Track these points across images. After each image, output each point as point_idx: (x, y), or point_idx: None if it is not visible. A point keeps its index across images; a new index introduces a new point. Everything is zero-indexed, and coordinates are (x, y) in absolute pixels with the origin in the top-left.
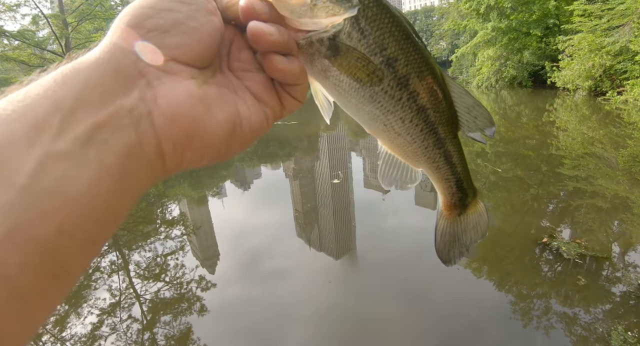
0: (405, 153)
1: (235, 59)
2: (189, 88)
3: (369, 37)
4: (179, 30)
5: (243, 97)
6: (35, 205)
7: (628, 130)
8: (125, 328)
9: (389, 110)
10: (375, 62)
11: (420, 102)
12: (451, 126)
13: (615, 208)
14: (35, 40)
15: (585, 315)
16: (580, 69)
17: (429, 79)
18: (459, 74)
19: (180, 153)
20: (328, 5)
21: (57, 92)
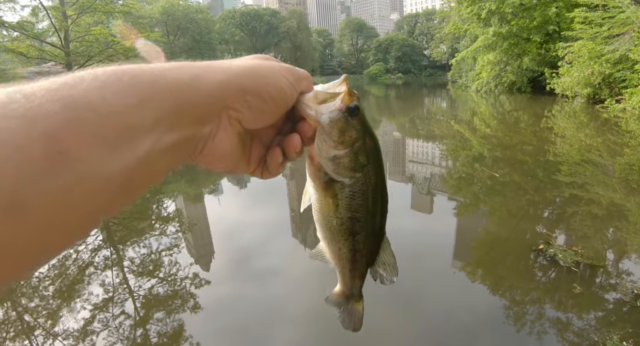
0: (332, 259)
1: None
2: (233, 141)
3: (352, 199)
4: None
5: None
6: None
7: (625, 139)
8: (117, 324)
9: (335, 239)
10: (344, 215)
11: (357, 247)
12: (368, 265)
13: (611, 216)
14: (35, 31)
15: (580, 323)
16: (579, 76)
17: (372, 238)
18: (458, 77)
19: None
20: (339, 166)
21: (183, 93)
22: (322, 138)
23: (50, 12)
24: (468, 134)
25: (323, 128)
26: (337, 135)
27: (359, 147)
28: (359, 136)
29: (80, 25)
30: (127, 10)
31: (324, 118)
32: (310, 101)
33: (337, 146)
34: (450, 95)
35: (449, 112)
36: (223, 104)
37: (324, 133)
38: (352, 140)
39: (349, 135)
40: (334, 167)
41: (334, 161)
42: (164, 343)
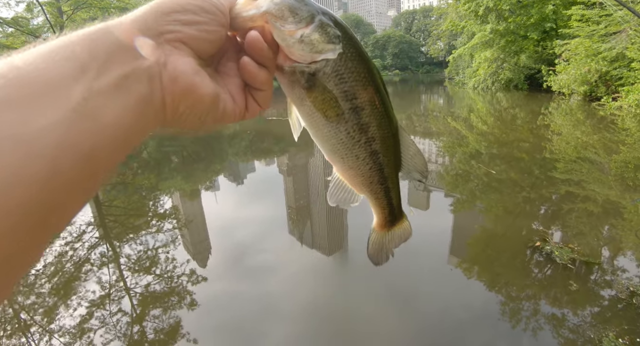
0: (354, 182)
1: (223, 65)
2: (191, 62)
3: (344, 84)
4: (195, 28)
5: (224, 89)
6: (79, 125)
7: (621, 136)
8: (114, 321)
9: (347, 147)
10: (344, 107)
11: (374, 146)
12: (395, 167)
13: (607, 213)
14: (30, 28)
15: (576, 320)
16: (576, 73)
17: (385, 129)
18: (455, 74)
19: (177, 105)
20: (313, 42)
21: (95, 44)
22: (279, 26)
23: (45, 8)
24: (465, 131)
25: (272, 14)
26: (291, 14)
27: (321, 18)
28: (314, 9)
29: (76, 21)
30: (124, 6)
31: (268, 5)
32: (245, 4)
33: (298, 26)
34: (447, 92)
35: (446, 108)
36: (153, 31)
37: (278, 21)
38: (310, 12)
39: (304, 9)
40: (308, 47)
41: (303, 41)
42: (160, 340)
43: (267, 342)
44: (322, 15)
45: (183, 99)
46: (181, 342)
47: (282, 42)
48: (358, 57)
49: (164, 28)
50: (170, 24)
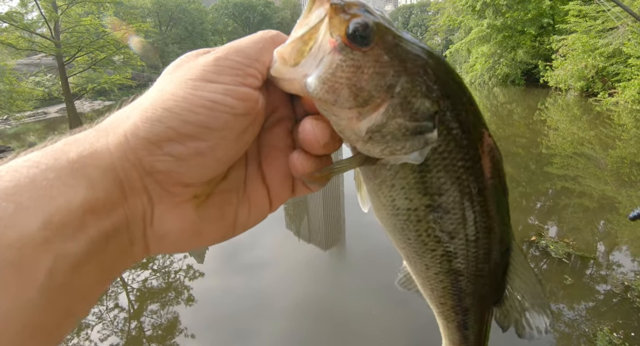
0: (421, 288)
1: (269, 131)
2: (185, 212)
3: (428, 173)
4: (197, 163)
5: (250, 192)
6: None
7: (618, 132)
8: (112, 317)
9: (416, 252)
10: (421, 202)
11: (455, 265)
12: (485, 300)
13: (602, 208)
14: (24, 22)
15: (571, 314)
16: (573, 69)
17: (481, 248)
18: None
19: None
20: (389, 141)
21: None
22: (330, 113)
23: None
24: None
25: (320, 100)
26: (351, 93)
27: (407, 85)
28: (396, 67)
29: (71, 16)
30: (118, 0)
31: (310, 84)
32: (280, 71)
33: (361, 110)
34: None
35: None
36: (138, 169)
37: (327, 105)
38: (386, 82)
39: (375, 76)
40: (379, 147)
41: (373, 139)
42: (158, 336)
43: (262, 337)
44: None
45: (172, 251)
46: (179, 337)
47: (340, 134)
48: (461, 135)
49: (153, 165)
50: (160, 161)
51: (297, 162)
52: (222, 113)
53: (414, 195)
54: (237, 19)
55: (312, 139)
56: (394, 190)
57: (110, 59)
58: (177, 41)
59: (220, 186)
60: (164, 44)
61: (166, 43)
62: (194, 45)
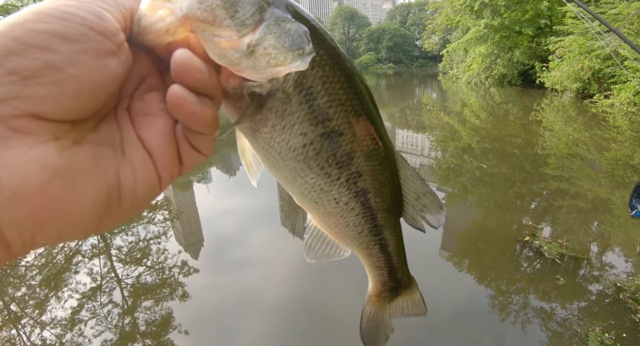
0: (336, 234)
1: (139, 98)
2: (45, 156)
3: (313, 102)
4: (49, 79)
5: (131, 156)
6: None
7: (613, 134)
8: (105, 312)
9: (322, 189)
10: (314, 134)
11: (361, 184)
12: (393, 212)
13: (596, 210)
14: None
15: (564, 314)
16: (569, 70)
17: (376, 159)
18: (449, 68)
19: (29, 238)
20: (271, 52)
21: None
22: (211, 37)
23: None
24: (457, 126)
25: (198, 19)
26: (227, 13)
27: (274, 11)
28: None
29: None
30: None
31: (187, 6)
32: (153, 6)
33: (240, 28)
34: (440, 86)
35: (439, 103)
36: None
37: (208, 28)
38: (258, 8)
39: (247, 4)
40: (262, 60)
41: (253, 54)
42: (152, 332)
43: (258, 334)
44: (274, 4)
45: (39, 228)
46: (173, 333)
47: (220, 59)
48: (333, 62)
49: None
50: (2, 84)
51: (178, 91)
52: (75, 24)
53: (307, 128)
54: None
55: (187, 61)
56: (286, 130)
57: None
58: None
59: (91, 136)
60: None
61: None
62: None
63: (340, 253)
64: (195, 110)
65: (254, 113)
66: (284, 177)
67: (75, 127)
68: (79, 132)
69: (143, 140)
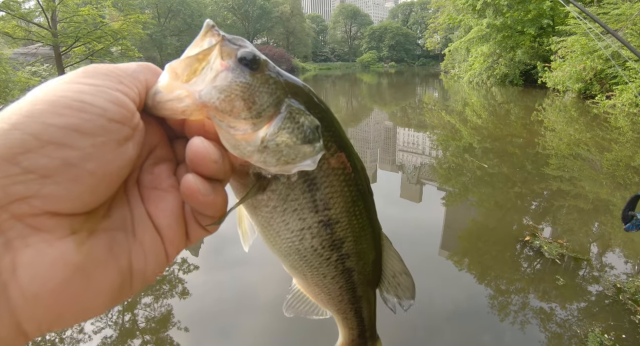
0: (318, 300)
1: (149, 171)
2: (64, 254)
3: (316, 192)
4: (67, 177)
5: (142, 236)
6: None
7: (614, 135)
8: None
9: (312, 266)
10: (313, 220)
11: (348, 264)
12: (372, 283)
13: (597, 210)
14: (21, 11)
15: (563, 315)
16: (571, 70)
17: (364, 243)
18: (451, 68)
19: (47, 328)
20: (282, 150)
21: None
22: (226, 124)
23: None
24: (459, 125)
25: (216, 109)
26: (245, 105)
27: (291, 104)
28: (280, 89)
29: (68, 6)
30: None
31: (207, 94)
32: (171, 86)
33: (255, 122)
34: (442, 86)
35: (441, 102)
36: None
37: (223, 115)
38: (274, 100)
39: (265, 94)
40: (274, 156)
41: (266, 149)
42: (151, 328)
43: (257, 332)
44: (291, 94)
45: (57, 322)
46: (172, 330)
47: (232, 150)
48: (339, 155)
49: (8, 191)
50: (18, 183)
51: (193, 182)
52: (93, 116)
53: (307, 214)
54: (236, 12)
55: (203, 153)
56: (287, 213)
57: (107, 50)
58: (176, 33)
59: (104, 224)
60: (162, 36)
61: (164, 35)
62: (192, 38)
63: (318, 313)
64: (208, 199)
65: (258, 193)
66: (277, 251)
67: (89, 218)
68: (93, 222)
69: (153, 217)
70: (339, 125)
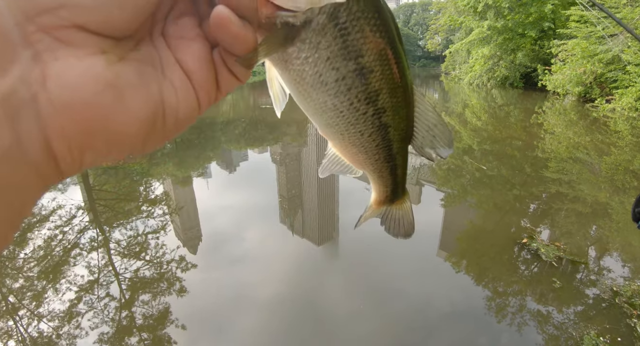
0: (354, 160)
1: (173, 22)
2: (95, 68)
3: (347, 37)
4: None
5: (171, 76)
6: None
7: (613, 138)
8: (102, 305)
9: (349, 122)
10: (347, 69)
11: (384, 119)
12: (406, 141)
13: (595, 214)
14: None
15: (559, 317)
16: (571, 74)
17: (399, 96)
18: (451, 69)
19: (79, 154)
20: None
21: None
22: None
23: None
24: (458, 126)
25: None
26: None
27: None
28: None
29: None
30: None
31: None
32: None
33: None
34: (442, 87)
35: (441, 103)
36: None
37: None
38: None
39: None
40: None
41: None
42: (149, 325)
43: (254, 330)
44: None
45: (89, 142)
46: (170, 328)
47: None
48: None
49: (36, 2)
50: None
51: (224, 11)
52: None
53: (340, 63)
54: None
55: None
56: (319, 64)
57: None
58: None
59: (133, 55)
60: None
61: None
62: None
63: (353, 172)
64: (239, 31)
65: (287, 44)
66: (312, 108)
67: (118, 44)
68: (122, 49)
69: (181, 62)
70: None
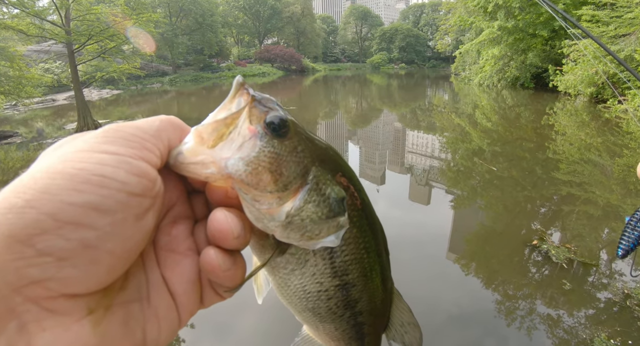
0: (326, 342)
1: (166, 232)
2: (81, 337)
3: (336, 259)
4: (85, 259)
5: (156, 304)
6: None
7: (626, 140)
8: None
9: (326, 321)
10: (331, 283)
11: (360, 319)
12: (379, 333)
13: (607, 216)
14: (35, 9)
15: (570, 320)
16: (583, 74)
17: (377, 301)
18: (461, 70)
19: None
20: (307, 225)
21: None
22: (251, 197)
23: None
24: (468, 128)
25: (242, 182)
26: (272, 178)
27: (318, 174)
28: (307, 156)
29: (82, 4)
30: None
31: (234, 165)
32: (195, 151)
33: (281, 195)
34: (452, 88)
35: (451, 104)
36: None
37: (249, 188)
38: (302, 170)
39: (292, 164)
40: (299, 232)
41: (290, 225)
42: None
43: (254, 329)
44: (317, 160)
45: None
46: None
47: (256, 222)
48: (362, 223)
49: (23, 274)
50: (34, 266)
51: (214, 259)
52: (113, 191)
53: (325, 279)
54: (248, 12)
55: (226, 229)
56: (305, 277)
57: (119, 48)
58: (187, 32)
59: (120, 297)
60: (173, 35)
61: (176, 34)
62: (203, 36)
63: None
64: (228, 273)
65: (277, 256)
66: (292, 307)
67: (106, 293)
68: (109, 297)
69: (168, 283)
70: (362, 187)
